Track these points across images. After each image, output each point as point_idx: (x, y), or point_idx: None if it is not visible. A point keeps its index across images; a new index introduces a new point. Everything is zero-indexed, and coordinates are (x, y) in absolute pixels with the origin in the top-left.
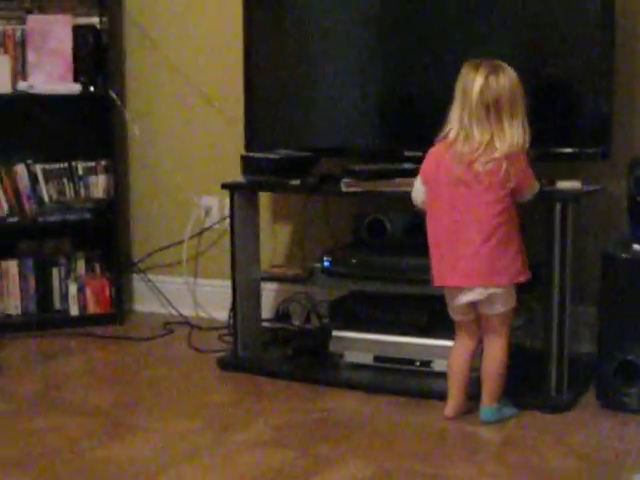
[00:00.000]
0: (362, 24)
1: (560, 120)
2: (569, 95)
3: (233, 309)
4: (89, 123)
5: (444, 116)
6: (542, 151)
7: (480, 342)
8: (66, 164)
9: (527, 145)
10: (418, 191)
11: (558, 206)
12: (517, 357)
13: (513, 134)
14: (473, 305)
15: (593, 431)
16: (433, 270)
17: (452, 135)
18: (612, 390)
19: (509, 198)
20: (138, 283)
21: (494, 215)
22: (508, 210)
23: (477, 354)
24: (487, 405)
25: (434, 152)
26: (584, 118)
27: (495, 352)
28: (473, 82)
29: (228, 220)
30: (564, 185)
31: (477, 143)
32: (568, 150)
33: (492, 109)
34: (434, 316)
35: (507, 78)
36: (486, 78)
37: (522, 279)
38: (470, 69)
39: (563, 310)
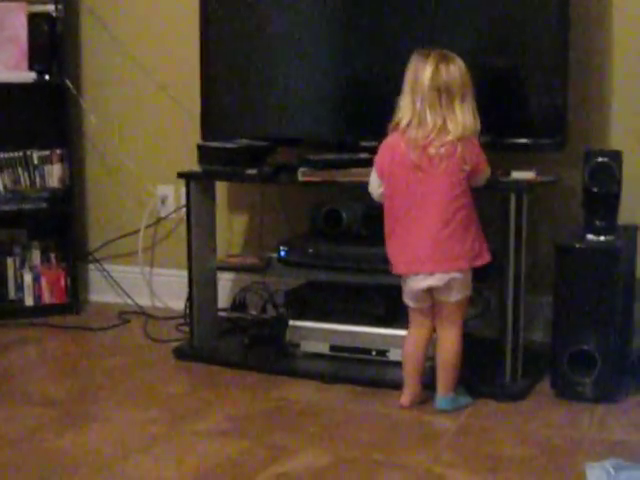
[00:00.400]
0: (318, 14)
1: (515, 111)
2: (524, 86)
3: (189, 299)
4: (44, 112)
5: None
6: (497, 141)
7: (434, 331)
8: (21, 153)
9: (478, 130)
10: (374, 184)
11: (513, 196)
12: (472, 346)
13: (465, 118)
14: (430, 292)
15: (547, 420)
16: (392, 258)
17: (405, 122)
18: (566, 379)
19: (465, 182)
20: (94, 273)
21: (451, 199)
22: (465, 194)
23: (431, 343)
24: (442, 394)
25: (388, 143)
26: (539, 109)
27: (449, 341)
28: (424, 69)
29: (184, 209)
30: (519, 175)
31: (430, 127)
32: (523, 141)
33: (443, 94)
34: (390, 306)
35: (456, 66)
36: (436, 65)
37: (482, 262)
38: (420, 57)
39: (518, 300)
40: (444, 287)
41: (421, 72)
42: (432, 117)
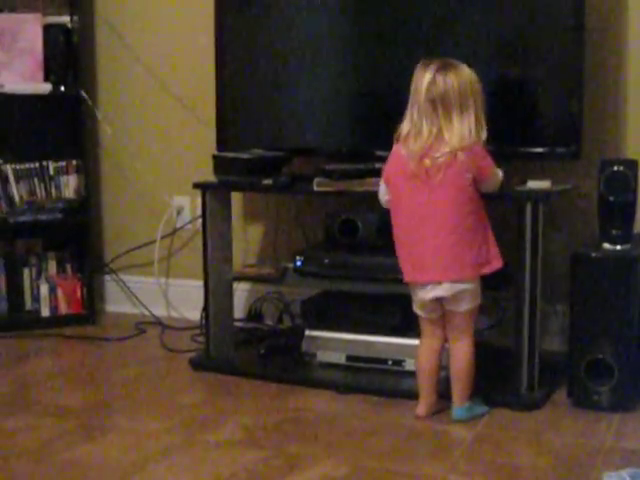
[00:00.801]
0: (334, 25)
1: (531, 120)
2: (540, 95)
3: (205, 309)
4: (60, 123)
5: None
6: (513, 150)
7: (445, 341)
8: (37, 164)
9: (483, 138)
10: (381, 191)
11: (529, 206)
12: (488, 355)
13: (463, 127)
14: (439, 302)
15: (564, 429)
16: (402, 267)
17: (404, 132)
18: (583, 388)
19: (471, 189)
20: (110, 283)
21: (455, 208)
22: (471, 202)
23: (444, 353)
24: (458, 404)
25: (394, 151)
26: (555, 118)
27: (462, 351)
28: (422, 79)
29: (200, 220)
30: (535, 185)
31: (425, 138)
32: (539, 150)
33: (439, 105)
34: (406, 315)
35: (456, 75)
36: (434, 75)
37: (490, 269)
38: (421, 67)
39: (534, 309)
40: (452, 297)
41: (419, 82)
42: (428, 127)
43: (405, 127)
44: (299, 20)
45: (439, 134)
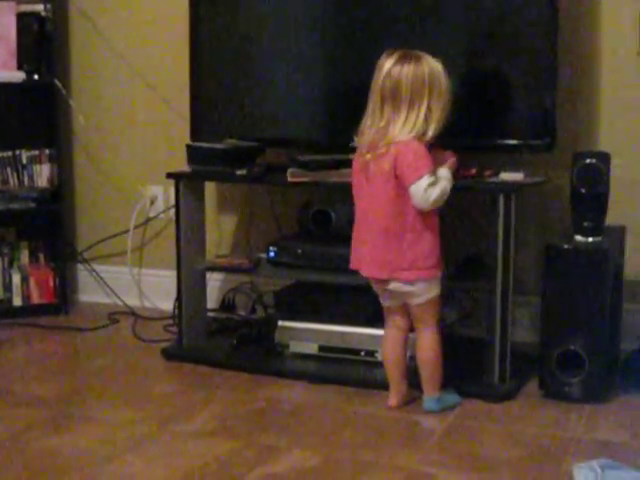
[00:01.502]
0: (308, 15)
1: (504, 112)
2: (514, 87)
3: (178, 299)
4: (33, 111)
5: None
6: (487, 142)
7: (411, 330)
8: (10, 153)
9: (427, 136)
10: None
11: (501, 197)
12: (460, 346)
13: (408, 122)
14: (393, 292)
15: (535, 420)
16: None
17: (363, 124)
18: (554, 380)
19: (399, 190)
20: (82, 273)
21: (386, 206)
22: (398, 202)
23: (411, 342)
24: (428, 395)
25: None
26: (528, 110)
27: (425, 342)
28: (380, 70)
29: (173, 210)
30: (507, 176)
31: (374, 131)
32: (512, 142)
33: (389, 96)
34: (379, 306)
35: (414, 67)
36: (391, 66)
37: (415, 276)
38: (383, 57)
39: (506, 300)
40: (401, 292)
41: (377, 73)
42: (377, 120)
43: (364, 121)
44: (274, 10)
45: (386, 128)
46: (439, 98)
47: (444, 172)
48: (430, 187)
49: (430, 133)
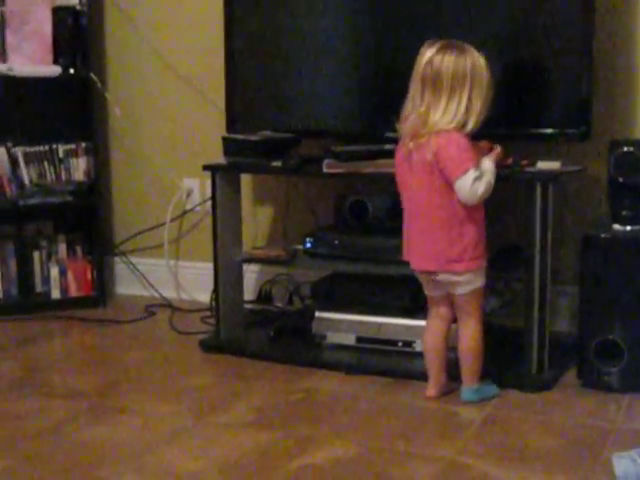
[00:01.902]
0: (341, 6)
1: (540, 101)
2: (550, 76)
3: (215, 291)
4: (69, 105)
5: None
6: (523, 132)
7: (454, 321)
8: (47, 147)
9: (468, 128)
10: None
11: (538, 186)
12: (498, 336)
13: (448, 111)
14: (439, 281)
15: (574, 410)
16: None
17: (404, 112)
18: (593, 369)
19: (443, 181)
20: (120, 266)
21: (428, 197)
22: (443, 194)
23: (453, 334)
24: (467, 385)
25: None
26: (564, 99)
27: (467, 332)
28: (421, 58)
29: (210, 202)
30: (544, 165)
31: (414, 118)
32: (548, 131)
33: (430, 84)
34: (416, 297)
35: (456, 57)
36: (433, 55)
37: (459, 268)
38: (424, 46)
39: (544, 290)
40: (445, 281)
41: (418, 60)
42: (417, 105)
43: (405, 107)
44: (309, 2)
45: (426, 115)
46: (480, 91)
47: (487, 164)
48: (476, 181)
49: (470, 125)
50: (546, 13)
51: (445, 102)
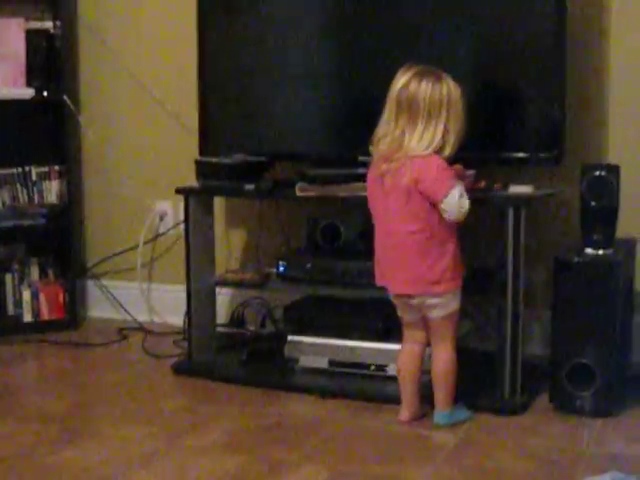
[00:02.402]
0: (316, 31)
1: (513, 125)
2: (522, 100)
3: (188, 314)
4: (42, 128)
5: None
6: (495, 155)
7: (427, 345)
8: (19, 169)
9: (445, 154)
10: None
11: (511, 210)
12: (471, 360)
13: (425, 136)
14: (414, 305)
15: (546, 434)
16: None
17: (377, 135)
18: (565, 393)
19: (423, 205)
20: (92, 289)
21: (402, 221)
22: (420, 218)
23: (426, 357)
24: (440, 409)
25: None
26: (537, 123)
27: (441, 356)
28: (397, 82)
29: (183, 225)
30: (517, 189)
31: (389, 142)
32: (521, 155)
33: (406, 108)
34: (389, 320)
35: (432, 84)
36: (409, 79)
37: (440, 290)
38: (401, 71)
39: (516, 313)
40: (421, 304)
41: (394, 84)
42: (392, 131)
43: (378, 130)
44: (282, 25)
45: (401, 139)
46: (456, 119)
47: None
48: (461, 198)
49: (447, 152)
50: (520, 39)
51: (422, 128)
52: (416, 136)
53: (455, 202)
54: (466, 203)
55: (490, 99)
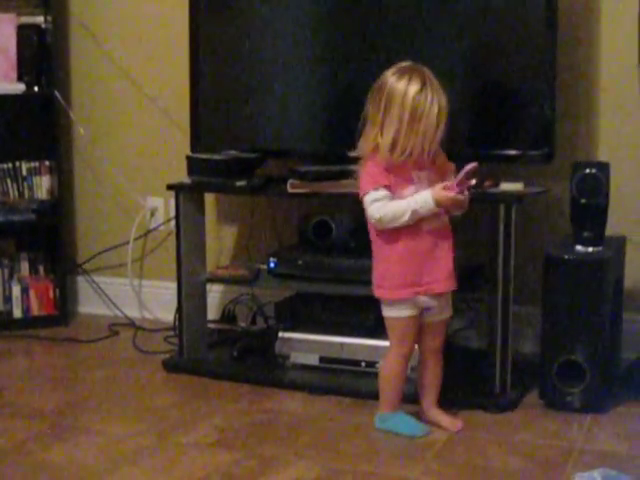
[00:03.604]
0: (307, 28)
1: (504, 123)
2: (513, 98)
3: (178, 310)
4: (33, 123)
5: None
6: (486, 153)
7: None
8: (10, 164)
9: (382, 153)
10: None
11: (502, 207)
12: (461, 357)
13: (369, 135)
14: None
15: (536, 430)
16: None
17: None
18: (555, 390)
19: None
20: (83, 285)
21: (368, 223)
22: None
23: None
24: (378, 411)
25: None
26: (528, 121)
27: (385, 358)
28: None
29: (174, 221)
30: (507, 187)
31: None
32: (512, 152)
33: (373, 107)
34: (380, 317)
35: (381, 79)
36: (385, 77)
37: (379, 295)
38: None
39: (507, 310)
40: None
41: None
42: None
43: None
44: (273, 22)
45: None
46: (399, 119)
47: (419, 197)
48: (375, 203)
49: (385, 153)
50: (510, 37)
51: (373, 124)
52: (367, 134)
53: (366, 207)
54: (376, 213)
55: (481, 97)
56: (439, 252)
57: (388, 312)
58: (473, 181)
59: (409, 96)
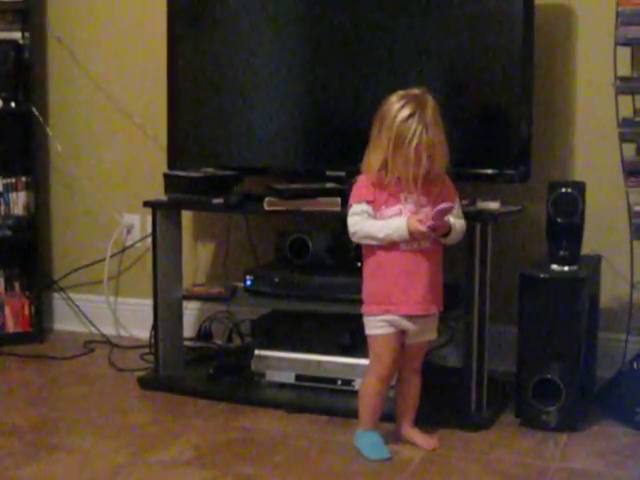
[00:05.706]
0: (285, 46)
1: (481, 142)
2: (490, 117)
3: (154, 328)
4: (10, 139)
5: (365, 137)
6: (463, 171)
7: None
8: None
9: (371, 174)
10: None
11: (478, 226)
12: (437, 375)
13: (367, 152)
14: None
15: (512, 449)
16: None
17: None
18: (531, 408)
19: None
20: (58, 302)
21: None
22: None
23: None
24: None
25: None
26: (504, 140)
27: (365, 376)
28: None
29: (150, 238)
30: (483, 206)
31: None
32: (488, 171)
33: (375, 124)
34: (356, 335)
35: (385, 104)
36: (389, 97)
37: (363, 310)
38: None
39: (483, 329)
40: None
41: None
42: None
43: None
44: (251, 40)
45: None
46: (387, 141)
47: (394, 223)
48: (352, 216)
49: (373, 173)
50: (487, 57)
51: (370, 142)
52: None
53: (347, 218)
54: (351, 227)
55: (458, 116)
56: (418, 273)
57: (366, 329)
58: (446, 218)
59: (397, 121)
